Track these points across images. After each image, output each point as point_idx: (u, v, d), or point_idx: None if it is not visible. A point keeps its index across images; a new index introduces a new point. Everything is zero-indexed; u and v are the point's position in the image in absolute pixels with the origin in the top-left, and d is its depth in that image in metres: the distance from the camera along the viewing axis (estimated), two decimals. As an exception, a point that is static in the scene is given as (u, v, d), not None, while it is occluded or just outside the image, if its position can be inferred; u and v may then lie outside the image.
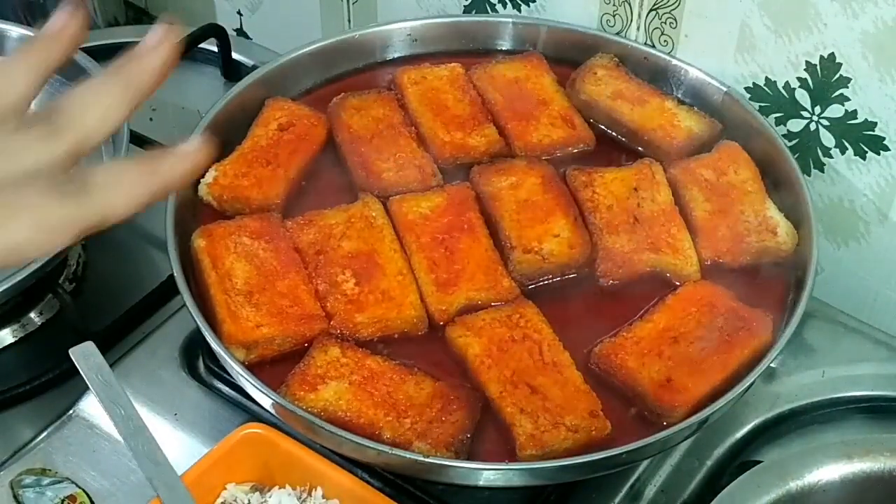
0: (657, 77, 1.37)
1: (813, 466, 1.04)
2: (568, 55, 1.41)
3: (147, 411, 1.17)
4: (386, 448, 1.01)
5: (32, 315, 1.29)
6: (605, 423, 1.05)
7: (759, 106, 1.35)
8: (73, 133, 0.72)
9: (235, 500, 1.03)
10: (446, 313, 1.14)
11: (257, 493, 1.03)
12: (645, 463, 1.15)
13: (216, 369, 1.22)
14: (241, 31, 1.81)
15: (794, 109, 1.34)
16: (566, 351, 1.10)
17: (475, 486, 1.09)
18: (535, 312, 1.13)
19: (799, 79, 1.31)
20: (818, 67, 1.29)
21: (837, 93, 1.29)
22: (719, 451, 1.18)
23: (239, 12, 1.80)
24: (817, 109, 1.32)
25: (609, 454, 1.01)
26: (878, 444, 1.06)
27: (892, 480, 1.04)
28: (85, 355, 1.05)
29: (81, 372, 1.04)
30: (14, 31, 1.45)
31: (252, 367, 1.08)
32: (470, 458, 1.04)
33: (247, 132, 1.30)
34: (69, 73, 1.40)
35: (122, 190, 0.76)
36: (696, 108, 1.33)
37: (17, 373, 1.23)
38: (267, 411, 1.10)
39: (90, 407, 1.18)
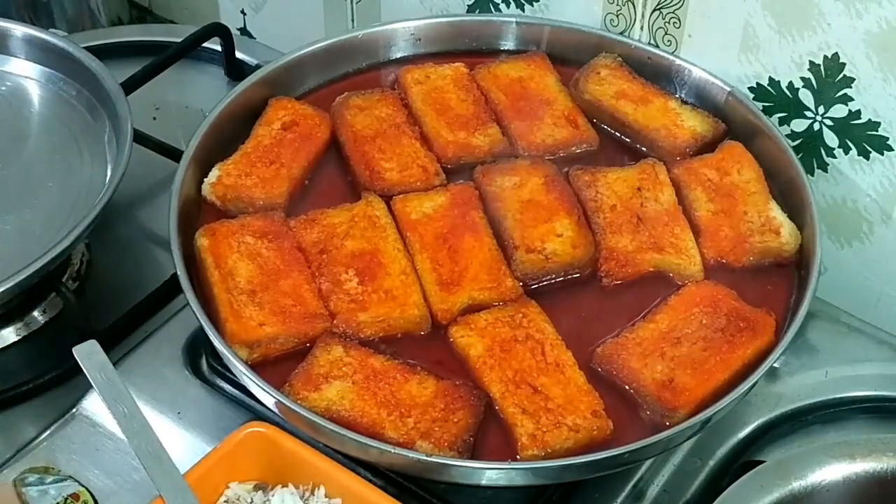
0: (661, 77, 1.37)
1: (816, 466, 1.04)
2: (571, 55, 1.41)
3: (150, 410, 1.17)
4: (389, 447, 1.01)
5: (36, 314, 1.29)
6: (607, 423, 1.05)
7: (763, 106, 1.35)
8: None
9: (238, 499, 1.03)
10: (449, 313, 1.14)
11: (260, 492, 1.03)
12: (647, 463, 1.15)
13: (219, 368, 1.22)
14: (244, 31, 1.82)
15: (797, 109, 1.34)
16: (569, 351, 1.10)
17: (478, 486, 1.09)
18: (538, 312, 1.13)
19: (803, 79, 1.31)
20: (822, 67, 1.29)
21: (841, 93, 1.29)
22: (722, 451, 1.18)
23: (242, 11, 1.80)
24: (821, 109, 1.32)
25: (611, 454, 1.01)
26: (881, 444, 1.06)
27: (895, 481, 1.04)
28: (88, 354, 1.05)
29: (85, 370, 1.04)
30: (18, 30, 1.45)
31: (255, 366, 1.08)
32: (473, 457, 1.04)
33: (250, 131, 1.30)
34: (75, 72, 1.42)
35: None
36: (699, 108, 1.33)
37: (21, 371, 1.23)
38: (270, 410, 1.10)
39: (93, 405, 1.18)
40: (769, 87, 1.35)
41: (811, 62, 1.29)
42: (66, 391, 1.21)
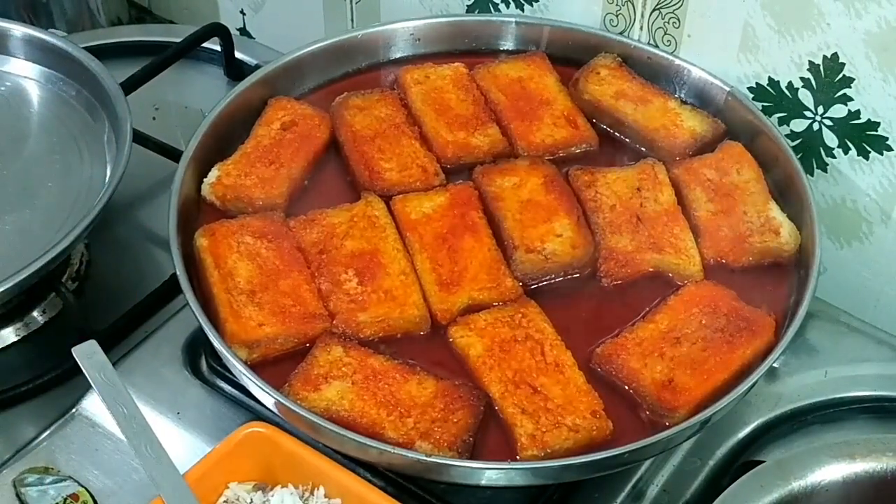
0: (660, 77, 1.37)
1: (815, 466, 1.04)
2: (571, 55, 1.41)
3: (150, 410, 1.17)
4: (388, 447, 1.01)
5: (35, 314, 1.29)
6: (607, 423, 1.05)
7: (763, 106, 1.35)
8: None
9: (238, 499, 1.03)
10: (449, 313, 1.14)
11: (259, 492, 1.03)
12: (647, 463, 1.15)
13: (219, 368, 1.22)
14: (244, 31, 1.82)
15: (797, 109, 1.34)
16: (568, 351, 1.10)
17: (477, 486, 1.09)
18: (538, 312, 1.13)
19: (802, 79, 1.31)
20: (821, 67, 1.29)
21: (840, 93, 1.29)
22: (721, 451, 1.18)
23: (242, 11, 1.80)
24: (820, 109, 1.32)
25: (611, 454, 1.01)
26: (881, 444, 1.06)
27: (895, 480, 1.04)
28: (88, 354, 1.05)
29: (84, 371, 1.04)
30: (17, 30, 1.45)
31: (255, 367, 1.08)
32: (472, 457, 1.04)
33: (250, 132, 1.30)
34: (74, 72, 1.42)
35: None
36: (699, 108, 1.33)
37: (20, 371, 1.23)
38: (269, 410, 1.10)
39: (93, 406, 1.18)
40: (769, 87, 1.35)
41: (811, 62, 1.29)
42: (65, 391, 1.21)
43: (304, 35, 1.43)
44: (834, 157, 1.34)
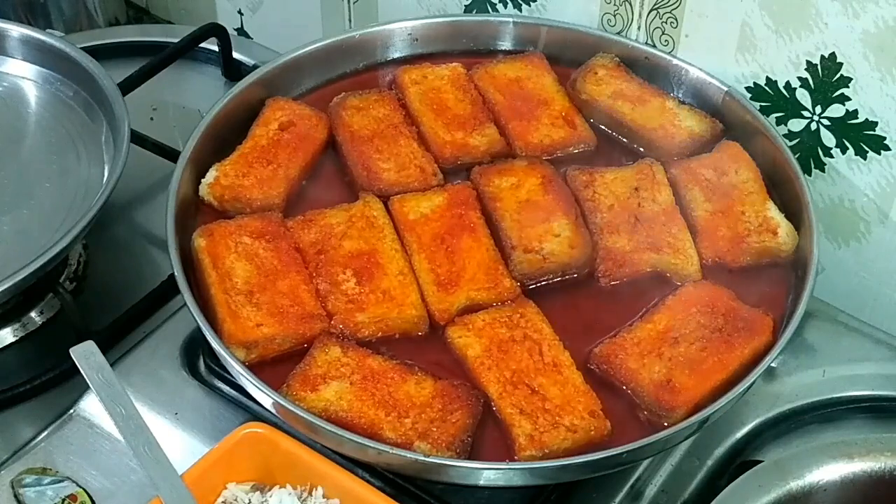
0: (658, 77, 1.37)
1: (813, 466, 1.04)
2: (569, 55, 1.41)
3: (148, 410, 1.17)
4: (387, 448, 1.01)
5: (33, 314, 1.29)
6: (605, 423, 1.05)
7: (760, 106, 1.35)
8: None
9: (236, 500, 1.03)
10: (447, 313, 1.14)
11: (258, 493, 1.03)
12: (645, 462, 1.15)
13: (217, 369, 1.22)
14: (241, 31, 1.82)
15: (794, 109, 1.34)
16: (566, 351, 1.10)
17: (476, 486, 1.09)
18: (536, 312, 1.13)
19: (800, 78, 1.31)
20: (819, 67, 1.29)
21: (838, 92, 1.29)
22: (720, 451, 1.18)
23: (240, 12, 1.80)
24: (818, 109, 1.32)
25: (609, 454, 1.01)
26: (879, 443, 1.06)
27: (893, 480, 1.04)
28: (86, 355, 1.05)
29: (82, 371, 1.04)
30: (15, 30, 1.45)
31: (253, 367, 1.08)
32: (470, 457, 1.04)
33: (247, 132, 1.30)
34: (72, 73, 1.42)
35: None
36: (696, 108, 1.33)
37: (18, 372, 1.23)
38: (268, 411, 1.10)
39: (91, 406, 1.18)
40: (766, 87, 1.35)
41: (808, 62, 1.29)
42: (63, 392, 1.21)
43: (302, 35, 1.43)
44: (832, 156, 1.34)
